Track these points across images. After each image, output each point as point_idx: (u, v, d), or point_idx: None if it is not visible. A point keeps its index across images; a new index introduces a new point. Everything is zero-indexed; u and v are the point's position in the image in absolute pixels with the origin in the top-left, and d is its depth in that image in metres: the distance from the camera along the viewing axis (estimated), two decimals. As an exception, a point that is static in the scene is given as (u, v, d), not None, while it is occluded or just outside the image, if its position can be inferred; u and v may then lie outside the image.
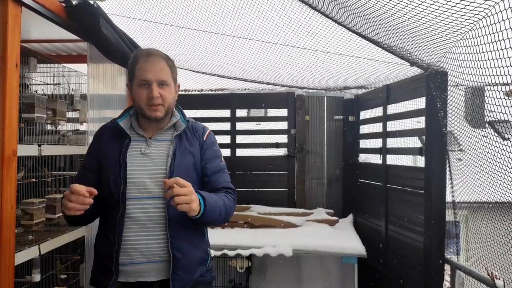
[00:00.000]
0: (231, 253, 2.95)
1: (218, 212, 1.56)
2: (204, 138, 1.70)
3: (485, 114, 2.08)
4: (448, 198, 2.60)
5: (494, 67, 1.61)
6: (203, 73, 3.59)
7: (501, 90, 1.83)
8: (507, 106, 1.73)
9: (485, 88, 1.97)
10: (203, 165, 1.67)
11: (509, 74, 1.57)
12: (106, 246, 1.55)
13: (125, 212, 1.53)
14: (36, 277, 2.17)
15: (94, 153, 1.67)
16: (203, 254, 1.65)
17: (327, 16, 2.12)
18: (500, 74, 1.60)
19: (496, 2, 1.37)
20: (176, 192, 1.39)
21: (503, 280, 1.91)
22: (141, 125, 1.67)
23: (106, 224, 1.59)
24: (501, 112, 1.76)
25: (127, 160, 1.57)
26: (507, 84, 1.70)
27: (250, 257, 3.04)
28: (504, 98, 1.78)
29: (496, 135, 2.05)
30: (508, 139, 1.87)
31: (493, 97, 1.79)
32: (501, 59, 1.54)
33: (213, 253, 2.52)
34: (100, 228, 1.65)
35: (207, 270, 1.67)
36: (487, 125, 2.16)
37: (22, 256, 1.90)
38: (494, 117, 1.86)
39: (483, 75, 1.76)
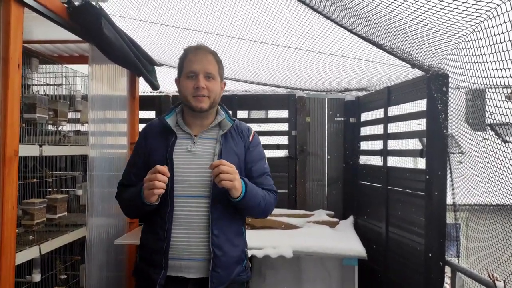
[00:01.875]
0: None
1: (258, 201, 1.62)
2: (250, 139, 1.74)
3: (486, 117, 2.09)
4: (449, 200, 2.60)
5: (496, 69, 1.61)
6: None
7: (502, 93, 1.83)
8: (508, 108, 1.73)
9: (486, 91, 1.97)
10: (249, 167, 1.71)
11: (510, 77, 1.57)
12: (155, 241, 1.60)
13: (173, 209, 1.58)
14: (37, 277, 2.17)
15: (141, 150, 1.72)
16: (240, 253, 1.68)
17: (328, 18, 2.12)
18: (501, 77, 1.60)
19: (498, 5, 1.37)
20: (221, 169, 1.47)
21: (504, 282, 1.91)
22: (186, 122, 1.71)
23: (155, 220, 1.62)
24: (502, 114, 1.75)
25: (173, 157, 1.60)
26: (508, 86, 1.71)
27: (250, 258, 3.04)
28: (505, 101, 1.78)
29: (497, 137, 2.05)
30: (509, 141, 1.87)
31: (494, 99, 1.79)
32: (502, 61, 1.54)
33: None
34: (149, 224, 1.68)
35: (244, 270, 1.70)
36: (487, 128, 2.16)
37: (22, 256, 1.91)
38: (495, 120, 1.86)
39: (484, 77, 1.76)
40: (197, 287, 1.59)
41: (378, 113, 3.49)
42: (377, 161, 3.51)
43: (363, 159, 3.89)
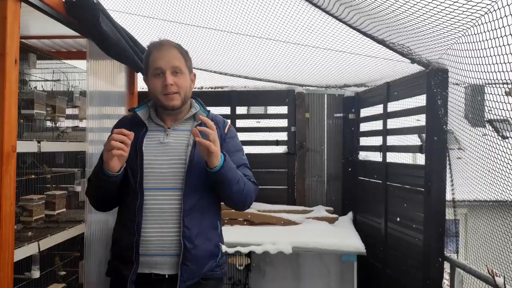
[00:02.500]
0: (231, 250, 2.95)
1: (237, 178, 1.56)
2: (226, 131, 1.71)
3: (485, 112, 2.08)
4: (448, 196, 2.60)
5: (496, 63, 1.60)
6: (203, 70, 3.58)
7: (502, 88, 1.82)
8: (507, 103, 1.72)
9: (486, 86, 1.97)
10: None
11: (510, 71, 1.56)
12: (126, 236, 1.55)
13: (143, 202, 1.53)
14: (35, 274, 2.17)
15: None
16: (213, 247, 1.63)
17: (327, 12, 2.11)
18: (502, 71, 1.59)
19: (498, -2, 1.36)
20: (205, 130, 1.43)
21: (503, 278, 1.91)
22: (159, 116, 1.66)
23: (125, 215, 1.59)
24: (502, 109, 1.75)
25: (143, 149, 1.56)
26: (507, 82, 1.70)
27: (249, 255, 3.04)
28: (504, 95, 1.77)
29: (496, 133, 2.05)
30: (508, 137, 1.87)
31: (493, 94, 1.79)
32: (502, 55, 1.53)
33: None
34: (119, 219, 1.65)
35: (217, 265, 1.65)
36: (487, 124, 2.16)
37: (21, 253, 1.90)
38: (494, 115, 1.85)
39: (484, 72, 1.75)
40: (173, 284, 1.54)
41: (378, 109, 3.48)
42: (376, 157, 3.51)
43: (362, 155, 3.89)
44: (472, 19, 1.60)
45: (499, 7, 1.39)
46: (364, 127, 3.88)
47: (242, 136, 4.04)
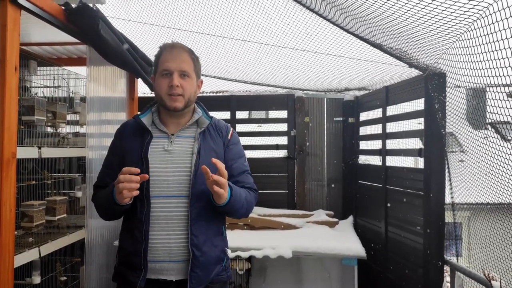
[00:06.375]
0: (231, 255, 2.94)
1: (241, 205, 1.60)
2: (229, 137, 1.73)
3: (487, 116, 2.08)
4: (448, 199, 2.60)
5: (491, 68, 1.62)
6: (203, 75, 3.60)
7: (504, 92, 1.82)
8: (508, 108, 1.72)
9: (487, 89, 1.97)
10: (230, 165, 1.67)
11: (506, 75, 1.57)
12: (133, 243, 1.56)
13: (150, 210, 1.55)
14: (36, 279, 2.18)
15: (115, 150, 1.68)
16: (220, 253, 1.65)
17: (325, 18, 2.13)
18: (497, 76, 1.60)
19: (490, 4, 1.37)
20: (216, 178, 1.45)
21: (500, 282, 1.91)
22: (163, 121, 1.67)
23: (132, 222, 1.59)
24: (503, 114, 1.75)
25: (149, 157, 1.57)
26: (508, 85, 1.70)
27: (250, 259, 3.04)
28: (506, 100, 1.77)
29: (498, 136, 2.05)
30: (510, 140, 1.87)
31: (494, 99, 1.79)
32: (497, 60, 1.54)
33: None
34: (126, 226, 1.65)
35: (223, 269, 1.67)
36: (488, 127, 2.16)
37: (22, 258, 1.92)
38: (495, 119, 1.86)
39: (479, 76, 1.76)
40: None
41: (377, 113, 3.49)
42: (376, 160, 3.52)
43: (362, 159, 3.90)
44: (465, 25, 1.62)
45: (490, 12, 1.41)
46: (363, 131, 3.89)
47: (242, 141, 4.04)
